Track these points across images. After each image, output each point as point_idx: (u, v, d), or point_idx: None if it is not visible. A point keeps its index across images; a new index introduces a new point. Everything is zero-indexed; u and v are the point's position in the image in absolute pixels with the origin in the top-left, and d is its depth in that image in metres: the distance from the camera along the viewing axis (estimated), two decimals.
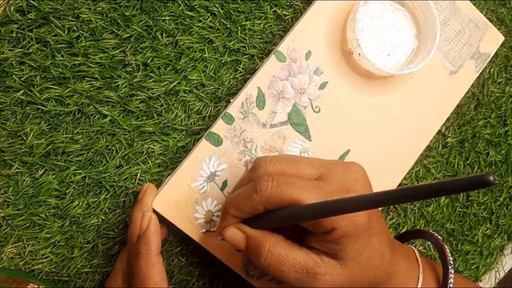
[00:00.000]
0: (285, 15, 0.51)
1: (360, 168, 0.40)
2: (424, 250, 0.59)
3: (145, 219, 0.42)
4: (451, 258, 0.45)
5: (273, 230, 0.39)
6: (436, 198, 0.59)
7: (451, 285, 0.43)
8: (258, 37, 0.51)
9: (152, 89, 0.48)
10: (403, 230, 0.57)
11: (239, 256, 0.47)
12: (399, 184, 0.52)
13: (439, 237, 0.47)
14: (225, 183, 0.47)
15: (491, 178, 0.24)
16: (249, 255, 0.39)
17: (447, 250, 0.45)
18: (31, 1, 0.44)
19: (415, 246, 0.58)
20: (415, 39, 0.50)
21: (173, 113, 0.49)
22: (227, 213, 0.39)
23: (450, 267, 0.44)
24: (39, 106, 0.45)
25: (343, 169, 0.39)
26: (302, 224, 0.38)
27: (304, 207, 0.35)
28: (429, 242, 0.59)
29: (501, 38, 0.55)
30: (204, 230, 0.46)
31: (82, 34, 0.46)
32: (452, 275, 0.44)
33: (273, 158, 0.40)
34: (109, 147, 0.47)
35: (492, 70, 0.60)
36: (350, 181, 0.38)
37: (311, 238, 0.38)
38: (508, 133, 0.62)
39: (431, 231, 0.49)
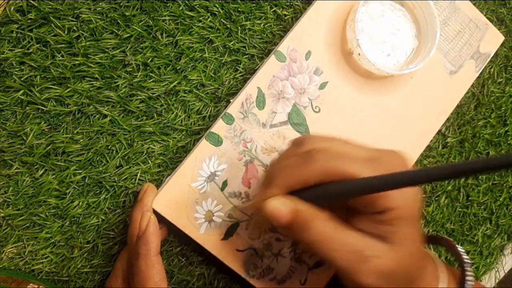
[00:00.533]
0: (285, 15, 0.51)
1: (404, 154, 0.38)
2: None
3: (144, 219, 0.42)
4: (466, 257, 0.42)
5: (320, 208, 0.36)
6: (436, 198, 0.59)
7: (471, 283, 0.41)
8: (258, 37, 0.51)
9: (152, 89, 0.48)
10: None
11: (239, 256, 0.47)
12: None
13: (449, 238, 0.45)
14: (225, 183, 0.47)
15: None
16: (291, 230, 0.36)
17: (460, 249, 0.43)
18: (31, 1, 0.44)
19: None
20: (415, 39, 0.50)
21: (173, 113, 0.48)
22: (271, 184, 0.36)
23: (466, 266, 0.41)
24: (39, 106, 0.45)
25: (391, 153, 0.37)
26: (353, 203, 0.36)
27: (360, 180, 0.33)
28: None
29: (501, 38, 0.55)
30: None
31: (82, 34, 0.46)
32: (471, 273, 0.41)
33: (319, 135, 0.38)
34: (109, 147, 0.47)
35: (492, 70, 0.60)
36: (400, 163, 0.36)
37: (357, 219, 0.36)
38: (508, 133, 0.61)
39: (440, 235, 0.47)
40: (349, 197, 0.35)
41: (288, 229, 0.36)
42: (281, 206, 0.36)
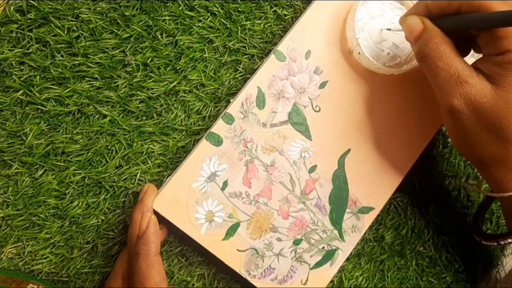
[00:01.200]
0: (285, 15, 0.51)
1: None
2: (424, 251, 0.59)
3: (145, 219, 0.42)
4: None
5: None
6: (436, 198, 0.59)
7: None
8: (258, 37, 0.50)
9: (152, 89, 0.48)
10: (404, 231, 0.57)
11: (240, 256, 0.47)
12: (399, 184, 0.52)
13: None
14: (225, 183, 0.47)
15: None
16: (416, 43, 0.42)
17: None
18: (31, 1, 0.44)
19: (415, 247, 0.58)
20: None
21: (173, 113, 0.48)
22: (420, 4, 0.42)
23: None
24: (39, 106, 0.45)
25: None
26: (480, 41, 0.41)
27: (495, 13, 0.37)
28: (429, 243, 0.59)
29: None
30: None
31: (82, 34, 0.46)
32: None
33: None
34: (109, 147, 0.47)
35: None
36: None
37: (477, 60, 0.42)
38: None
39: None
40: (479, 28, 0.39)
41: (416, 41, 0.42)
42: (414, 23, 0.42)
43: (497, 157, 0.42)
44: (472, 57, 0.45)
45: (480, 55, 0.43)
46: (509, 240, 0.48)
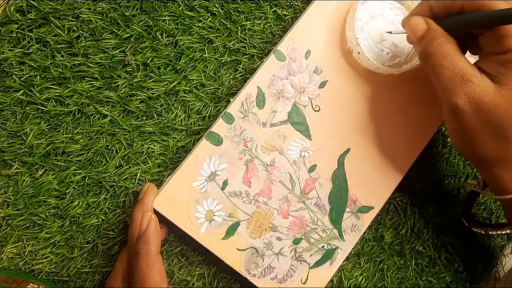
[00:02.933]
0: (285, 15, 0.51)
1: None
2: (424, 250, 0.59)
3: (145, 219, 0.42)
4: None
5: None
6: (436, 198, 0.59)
7: None
8: (258, 37, 0.51)
9: (152, 89, 0.48)
10: (403, 231, 0.57)
11: (240, 255, 0.47)
12: (399, 184, 0.52)
13: None
14: (225, 183, 0.47)
15: None
16: (420, 42, 0.42)
17: None
18: (31, 1, 0.45)
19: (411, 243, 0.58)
20: None
21: (173, 113, 0.49)
22: (423, 4, 0.43)
23: None
24: (39, 106, 0.45)
25: None
26: (483, 41, 0.41)
27: (496, 11, 0.38)
28: (428, 242, 0.59)
29: None
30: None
31: (82, 34, 0.46)
32: None
33: None
34: (109, 147, 0.47)
35: None
36: None
37: (481, 59, 0.42)
38: None
39: None
40: (482, 27, 0.40)
41: (419, 41, 0.42)
42: (418, 23, 0.42)
43: (498, 156, 0.43)
44: (472, 57, 0.45)
45: (476, 57, 0.44)
46: (499, 232, 0.48)
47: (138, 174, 0.48)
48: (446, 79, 0.40)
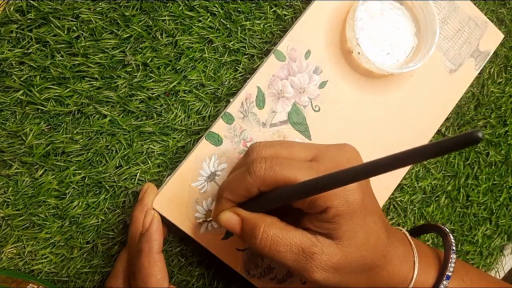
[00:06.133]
0: (285, 15, 0.51)
1: (352, 148, 0.40)
2: None
3: (148, 217, 0.42)
4: (454, 244, 0.44)
5: (269, 212, 0.38)
6: (436, 198, 0.59)
7: (451, 269, 0.42)
8: (258, 37, 0.51)
9: (152, 89, 0.48)
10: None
11: (239, 256, 0.47)
12: (399, 184, 0.52)
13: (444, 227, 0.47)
14: None
15: (480, 134, 0.24)
16: (244, 238, 0.39)
17: (451, 237, 0.45)
18: (31, 1, 0.44)
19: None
20: (415, 37, 0.50)
21: (173, 113, 0.48)
22: (222, 198, 0.39)
23: (452, 252, 0.43)
24: (39, 106, 0.45)
25: (336, 150, 0.39)
26: (297, 205, 0.38)
27: (297, 185, 0.35)
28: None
29: (500, 36, 0.55)
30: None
31: (82, 34, 0.46)
32: (454, 260, 0.43)
33: (266, 142, 0.40)
34: (109, 147, 0.47)
35: (492, 70, 0.60)
36: (343, 161, 0.38)
37: (306, 219, 0.38)
38: (508, 133, 0.62)
39: (438, 224, 0.48)
40: (289, 202, 0.37)
41: (243, 237, 0.39)
42: (230, 219, 0.39)
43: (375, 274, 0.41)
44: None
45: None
46: None
47: (138, 174, 0.48)
48: (291, 262, 0.37)
